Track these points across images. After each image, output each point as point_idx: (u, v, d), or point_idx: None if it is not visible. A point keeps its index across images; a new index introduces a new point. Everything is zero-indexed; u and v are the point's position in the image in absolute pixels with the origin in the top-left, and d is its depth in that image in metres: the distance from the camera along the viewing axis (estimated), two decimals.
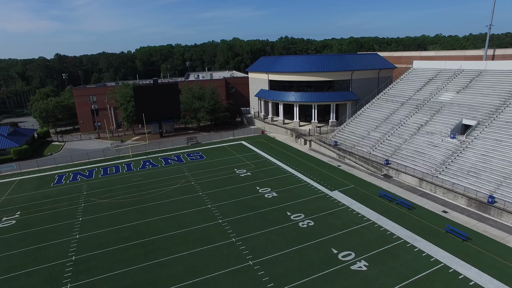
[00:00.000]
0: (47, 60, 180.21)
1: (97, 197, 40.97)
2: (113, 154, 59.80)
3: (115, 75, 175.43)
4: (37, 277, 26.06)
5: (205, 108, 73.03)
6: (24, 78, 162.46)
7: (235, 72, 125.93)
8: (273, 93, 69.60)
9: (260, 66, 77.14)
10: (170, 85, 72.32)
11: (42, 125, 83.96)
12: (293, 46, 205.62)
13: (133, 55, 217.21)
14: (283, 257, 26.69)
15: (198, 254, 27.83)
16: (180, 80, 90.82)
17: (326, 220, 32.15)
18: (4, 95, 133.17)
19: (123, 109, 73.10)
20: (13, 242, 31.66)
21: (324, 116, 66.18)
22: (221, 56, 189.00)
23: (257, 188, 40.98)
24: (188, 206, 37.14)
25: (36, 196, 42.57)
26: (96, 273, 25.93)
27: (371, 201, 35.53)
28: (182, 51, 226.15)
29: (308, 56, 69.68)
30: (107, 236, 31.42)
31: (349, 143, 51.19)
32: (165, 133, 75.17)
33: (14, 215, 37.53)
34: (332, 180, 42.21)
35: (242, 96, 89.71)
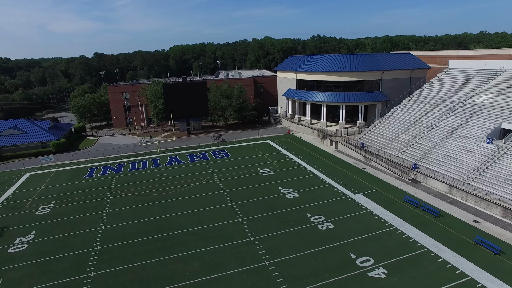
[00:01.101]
0: (87, 58, 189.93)
1: (123, 191, 42.66)
2: (141, 150, 61.94)
3: (149, 73, 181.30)
4: (65, 263, 27.62)
5: (233, 106, 73.68)
6: (67, 76, 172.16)
7: (265, 71, 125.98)
8: (300, 93, 68.89)
9: (288, 65, 76.60)
10: (198, 84, 73.64)
11: (79, 120, 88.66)
12: (325, 45, 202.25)
13: (166, 54, 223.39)
14: (299, 259, 26.40)
15: (215, 251, 28.19)
16: (209, 79, 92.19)
17: (346, 223, 31.40)
18: (49, 92, 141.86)
19: (153, 106, 75.40)
20: (47, 229, 33.77)
21: (352, 117, 64.58)
22: (252, 54, 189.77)
23: (279, 188, 40.79)
24: (209, 203, 37.70)
25: (69, 187, 45.09)
26: (118, 264, 27.03)
27: (395, 206, 34.24)
28: (214, 49, 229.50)
29: (337, 56, 68.26)
30: (130, 229, 32.64)
31: (376, 145, 49.61)
32: (193, 130, 76.69)
33: (49, 204, 39.98)
34: (356, 182, 41.13)
35: (271, 95, 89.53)
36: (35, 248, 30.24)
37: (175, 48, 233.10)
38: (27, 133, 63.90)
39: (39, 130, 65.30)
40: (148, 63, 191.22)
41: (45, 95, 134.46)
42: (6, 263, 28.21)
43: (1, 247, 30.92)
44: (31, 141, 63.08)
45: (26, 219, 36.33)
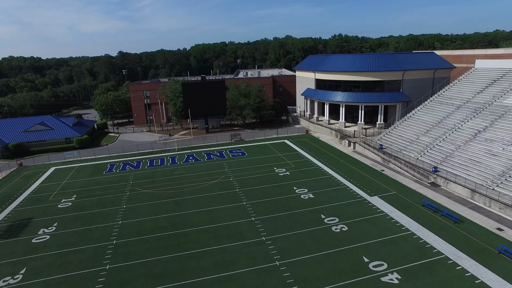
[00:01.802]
0: (111, 57, 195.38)
1: (141, 187, 43.62)
2: (160, 147, 63.11)
3: (170, 72, 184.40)
4: (83, 255, 28.59)
5: (251, 105, 73.81)
6: (92, 74, 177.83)
7: (284, 70, 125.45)
8: (319, 92, 68.14)
9: (307, 64, 75.90)
10: (217, 82, 74.22)
11: (101, 117, 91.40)
12: (346, 44, 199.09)
13: (188, 52, 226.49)
14: (311, 260, 26.15)
15: (227, 249, 28.36)
16: (228, 78, 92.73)
17: (361, 226, 30.82)
18: (75, 89, 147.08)
19: (173, 104, 76.66)
20: (68, 221, 35.07)
21: (372, 118, 63.25)
22: (272, 54, 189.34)
23: (294, 188, 40.54)
24: (224, 202, 37.95)
25: (90, 182, 46.57)
26: (132, 258, 27.70)
27: (412, 210, 33.27)
28: (234, 48, 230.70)
29: (357, 55, 66.99)
30: (146, 225, 33.36)
31: (395, 147, 48.39)
32: (211, 129, 77.39)
33: (71, 197, 41.47)
34: (373, 185, 40.28)
35: (290, 95, 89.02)
36: (56, 240, 31.47)
37: (196, 47, 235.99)
38: (53, 129, 66.52)
39: (64, 126, 67.85)
40: (169, 62, 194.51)
41: (71, 93, 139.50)
42: (30, 253, 29.54)
43: (26, 237, 32.43)
44: (56, 137, 65.66)
45: (49, 211, 37.87)
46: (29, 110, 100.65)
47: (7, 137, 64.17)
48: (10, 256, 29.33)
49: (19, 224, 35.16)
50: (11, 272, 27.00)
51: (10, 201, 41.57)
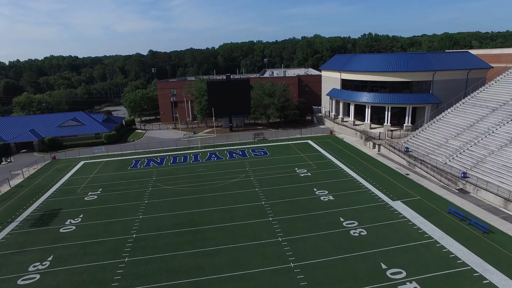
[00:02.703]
0: (142, 55, 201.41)
1: (163, 183, 44.67)
2: (184, 145, 64.31)
3: (198, 70, 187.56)
4: (104, 247, 29.68)
5: (275, 105, 73.58)
6: (123, 72, 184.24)
7: (311, 70, 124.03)
8: (344, 93, 66.75)
9: (333, 64, 74.56)
10: (241, 81, 74.56)
11: (130, 114, 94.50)
12: (376, 44, 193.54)
13: (216, 51, 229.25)
14: (326, 264, 25.66)
15: (242, 248, 28.41)
16: (253, 77, 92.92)
17: (380, 231, 29.85)
18: (107, 87, 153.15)
19: (198, 103, 77.92)
20: (92, 214, 36.55)
21: (399, 120, 61.09)
22: (300, 53, 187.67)
23: (314, 190, 39.97)
24: (242, 201, 38.06)
25: (115, 176, 48.30)
26: (150, 252, 28.41)
27: (437, 217, 31.78)
28: (262, 47, 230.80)
29: (384, 55, 64.82)
30: (165, 220, 34.10)
31: (422, 151, 46.48)
32: (235, 127, 77.90)
33: (97, 191, 43.19)
34: (396, 189, 38.90)
35: (315, 95, 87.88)
36: (81, 231, 32.89)
37: (224, 46, 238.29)
38: (84, 125, 69.64)
39: (94, 122, 70.84)
40: (198, 60, 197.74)
41: (103, 90, 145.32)
42: (57, 241, 31.10)
43: (54, 226, 34.18)
44: (87, 132, 68.72)
45: (76, 203, 39.66)
46: (64, 106, 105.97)
47: (43, 131, 67.89)
48: (40, 243, 31.04)
49: (49, 214, 37.08)
50: (40, 258, 28.55)
51: (43, 192, 43.93)
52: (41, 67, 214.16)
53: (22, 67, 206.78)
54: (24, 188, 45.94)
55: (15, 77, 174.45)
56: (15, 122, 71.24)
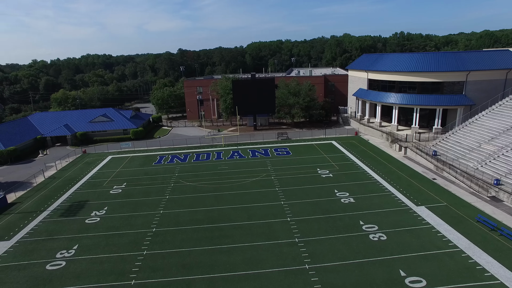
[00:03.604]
0: (171, 54, 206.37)
1: (185, 180, 45.51)
2: (207, 142, 65.18)
3: (226, 69, 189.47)
4: (125, 239, 30.70)
5: (300, 104, 72.90)
6: (153, 70, 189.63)
7: (339, 70, 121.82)
8: (371, 93, 64.93)
9: (360, 64, 72.72)
10: (266, 80, 74.44)
11: (157, 111, 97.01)
12: (408, 43, 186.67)
13: (243, 50, 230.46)
14: (342, 267, 25.09)
15: (258, 247, 28.38)
16: (279, 76, 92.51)
17: (402, 237, 28.77)
18: (137, 84, 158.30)
19: (223, 101, 78.66)
20: (116, 207, 37.92)
21: (428, 122, 58.59)
22: (328, 52, 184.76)
23: (335, 191, 39.22)
24: (262, 200, 38.03)
25: (139, 171, 49.81)
26: (168, 247, 29.05)
27: (464, 225, 30.17)
28: (290, 46, 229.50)
29: (414, 54, 62.17)
30: (184, 216, 34.74)
31: (451, 155, 44.32)
32: (259, 126, 77.95)
33: (121, 185, 44.74)
34: (421, 193, 37.34)
35: (342, 95, 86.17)
36: (104, 223, 34.23)
37: (252, 45, 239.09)
38: (113, 121, 72.36)
39: (122, 118, 73.40)
40: (226, 59, 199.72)
41: (134, 87, 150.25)
42: (82, 232, 32.57)
43: (81, 217, 35.83)
44: (115, 128, 71.38)
45: (102, 196, 41.30)
46: (97, 102, 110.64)
47: (76, 126, 71.28)
48: (67, 232, 32.65)
49: (77, 205, 38.88)
50: (66, 246, 30.03)
51: (73, 184, 46.11)
52: (78, 65, 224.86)
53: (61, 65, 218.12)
54: (56, 179, 48.43)
55: (54, 74, 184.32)
56: (51, 117, 75.29)
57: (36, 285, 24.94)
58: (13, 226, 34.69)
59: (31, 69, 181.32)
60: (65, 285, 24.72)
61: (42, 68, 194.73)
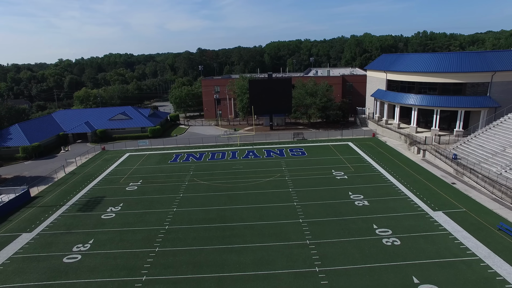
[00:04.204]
0: (190, 53, 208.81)
1: (199, 178, 45.94)
2: (223, 141, 65.56)
3: (244, 68, 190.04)
4: (138, 236, 31.31)
5: (317, 104, 72.22)
6: (173, 69, 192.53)
7: (357, 70, 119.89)
8: (390, 94, 63.48)
9: (379, 64, 71.25)
10: (283, 80, 74.11)
11: (175, 110, 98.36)
12: (431, 42, 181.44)
13: (262, 50, 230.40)
14: (353, 271, 24.64)
15: (269, 248, 28.29)
16: (297, 76, 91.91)
17: (416, 242, 27.96)
18: (156, 83, 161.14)
19: (239, 100, 78.94)
20: (131, 203, 38.73)
21: (450, 124, 56.72)
22: (348, 52, 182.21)
23: (349, 194, 38.60)
24: (274, 200, 37.89)
25: (155, 169, 50.67)
26: (179, 245, 29.40)
27: (484, 233, 28.99)
28: (309, 46, 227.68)
29: (435, 54, 60.18)
30: (197, 214, 35.07)
31: (473, 158, 42.73)
32: (275, 126, 77.76)
33: (137, 182, 45.64)
34: (438, 198, 36.19)
35: (360, 95, 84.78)
36: (119, 218, 35.01)
37: (271, 45, 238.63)
38: (131, 119, 73.93)
39: (141, 116, 74.87)
40: (244, 58, 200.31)
41: (153, 86, 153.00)
42: (98, 227, 33.45)
43: (97, 212, 36.82)
44: (134, 126, 72.90)
45: (118, 192, 42.26)
46: (117, 101, 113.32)
47: (96, 124, 73.27)
48: (84, 227, 33.62)
49: (94, 201, 39.96)
50: (83, 240, 30.93)
51: (91, 180, 47.42)
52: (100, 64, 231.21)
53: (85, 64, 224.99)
54: (76, 175, 49.94)
55: (78, 73, 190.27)
56: (73, 114, 77.78)
57: (53, 277, 25.80)
58: (34, 219, 36.04)
59: (57, 68, 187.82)
60: (80, 278, 25.45)
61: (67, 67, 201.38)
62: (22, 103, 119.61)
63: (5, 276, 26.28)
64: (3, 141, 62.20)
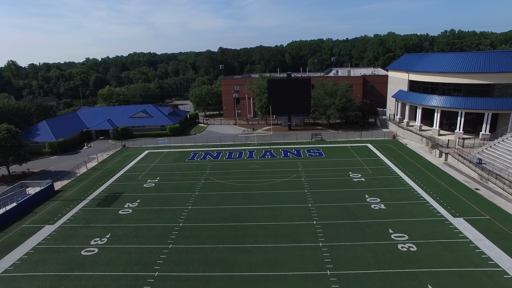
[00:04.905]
0: (212, 52, 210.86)
1: (215, 177, 46.32)
2: (241, 141, 65.78)
3: (265, 68, 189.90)
4: (153, 232, 31.95)
5: (336, 105, 71.23)
6: (194, 68, 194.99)
7: (379, 70, 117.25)
8: (411, 95, 61.66)
9: (401, 64, 69.35)
10: (302, 80, 73.52)
11: (195, 108, 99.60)
12: (459, 41, 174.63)
13: (283, 49, 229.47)
14: (365, 277, 24.11)
15: (281, 249, 28.14)
16: (317, 75, 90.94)
17: (434, 249, 27.01)
18: (178, 82, 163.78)
19: (258, 100, 78.97)
20: (148, 200, 39.56)
21: (475, 126, 54.45)
22: (371, 52, 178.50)
23: (366, 197, 37.83)
24: (289, 201, 37.67)
25: (173, 167, 51.52)
26: (192, 242, 29.76)
27: (509, 243, 27.48)
28: (331, 45, 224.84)
29: (460, 54, 57.76)
30: (211, 213, 35.37)
31: (499, 163, 40.83)
32: (294, 126, 77.28)
33: (155, 179, 46.55)
34: (460, 204, 34.82)
35: (381, 96, 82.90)
36: (136, 214, 35.83)
37: (292, 44, 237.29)
38: (152, 117, 75.55)
39: (161, 115, 76.37)
40: (265, 58, 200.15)
41: (174, 85, 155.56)
42: (115, 222, 34.39)
43: (115, 208, 37.85)
44: (154, 124, 74.47)
45: (136, 189, 43.27)
46: (139, 99, 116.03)
47: (117, 121, 75.34)
48: (102, 221, 34.66)
49: (112, 196, 41.09)
50: (100, 234, 31.89)
51: (111, 176, 48.79)
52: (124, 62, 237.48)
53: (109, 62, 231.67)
54: (97, 171, 51.52)
55: (103, 71, 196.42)
56: (96, 112, 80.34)
57: (71, 268, 26.75)
58: (57, 212, 37.50)
59: (83, 66, 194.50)
60: (95, 271, 26.23)
61: (93, 65, 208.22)
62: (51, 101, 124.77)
63: (29, 265, 27.55)
64: (31, 136, 65.03)
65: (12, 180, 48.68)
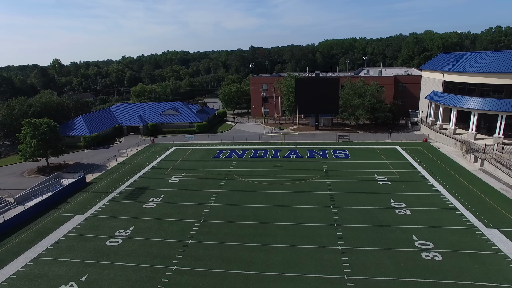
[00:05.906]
0: (243, 51, 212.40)
1: (239, 175, 46.64)
2: (267, 140, 65.76)
3: (295, 66, 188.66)
4: (175, 227, 32.72)
5: (365, 106, 69.34)
6: (225, 66, 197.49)
7: (413, 70, 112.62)
8: (446, 97, 58.67)
9: (436, 64, 66.11)
10: (331, 80, 72.22)
11: (224, 106, 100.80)
12: (505, 39, 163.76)
13: (314, 48, 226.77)
14: (384, 284, 23.28)
15: (298, 250, 27.85)
16: (346, 75, 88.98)
17: (461, 260, 25.55)
18: (208, 80, 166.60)
19: (286, 99, 78.53)
20: (172, 195, 40.59)
21: None
22: (405, 51, 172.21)
23: (391, 201, 36.54)
24: (311, 202, 37.18)
25: (198, 164, 52.50)
26: (211, 239, 30.16)
27: None
28: (364, 45, 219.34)
29: (502, 52, 53.78)
30: (232, 211, 35.65)
31: None
32: (321, 126, 76.16)
33: (180, 175, 47.67)
34: (494, 213, 32.69)
35: (413, 97, 79.61)
36: (159, 209, 36.89)
37: (324, 43, 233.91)
38: (180, 114, 77.39)
39: (189, 112, 78.04)
40: (296, 57, 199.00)
41: (205, 83, 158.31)
42: (140, 215, 35.60)
43: (140, 201, 39.16)
44: (182, 121, 76.29)
45: (161, 184, 44.53)
46: (169, 96, 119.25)
47: (148, 117, 77.93)
48: (127, 214, 36.02)
49: (139, 190, 42.57)
50: (124, 226, 33.14)
51: (138, 170, 50.57)
52: (158, 61, 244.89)
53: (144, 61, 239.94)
54: (126, 165, 53.58)
55: (138, 69, 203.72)
56: (128, 108, 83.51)
57: (96, 257, 28.04)
58: (87, 203, 39.45)
59: (119, 64, 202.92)
60: (118, 261, 27.32)
61: (128, 63, 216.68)
62: (88, 97, 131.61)
63: (59, 251, 29.27)
64: (69, 130, 68.84)
65: (50, 171, 51.76)
